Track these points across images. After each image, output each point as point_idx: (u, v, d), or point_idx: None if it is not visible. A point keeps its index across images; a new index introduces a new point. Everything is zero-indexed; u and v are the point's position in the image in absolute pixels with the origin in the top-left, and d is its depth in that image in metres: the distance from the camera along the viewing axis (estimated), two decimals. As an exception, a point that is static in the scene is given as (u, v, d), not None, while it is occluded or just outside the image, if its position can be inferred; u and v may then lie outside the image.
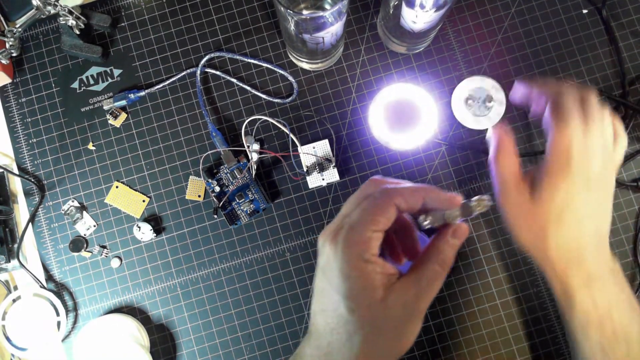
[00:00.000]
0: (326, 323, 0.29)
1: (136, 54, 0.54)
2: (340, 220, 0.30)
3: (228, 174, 0.51)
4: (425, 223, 0.30)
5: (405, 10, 0.44)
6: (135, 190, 0.53)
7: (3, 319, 0.51)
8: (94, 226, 0.52)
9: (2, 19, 0.54)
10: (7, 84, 0.54)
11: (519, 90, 0.40)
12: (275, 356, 0.51)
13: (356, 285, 0.27)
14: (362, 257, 0.27)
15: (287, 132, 0.52)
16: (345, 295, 0.27)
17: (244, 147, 0.52)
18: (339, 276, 0.27)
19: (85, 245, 0.52)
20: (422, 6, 0.42)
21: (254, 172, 0.51)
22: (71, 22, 0.50)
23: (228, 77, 0.53)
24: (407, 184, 0.30)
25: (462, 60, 0.54)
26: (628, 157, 0.52)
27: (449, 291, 0.51)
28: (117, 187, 0.53)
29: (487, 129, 0.53)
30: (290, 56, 0.54)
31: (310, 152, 0.51)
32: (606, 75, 0.53)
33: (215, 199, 0.50)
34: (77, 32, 0.52)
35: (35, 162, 0.53)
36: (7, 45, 0.51)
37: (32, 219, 0.53)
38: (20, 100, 0.54)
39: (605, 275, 0.36)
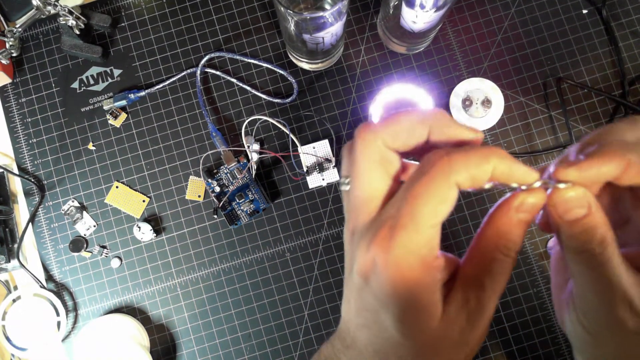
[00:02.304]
0: (370, 342, 0.23)
1: (136, 54, 0.54)
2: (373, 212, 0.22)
3: (228, 174, 0.51)
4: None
5: (405, 11, 0.44)
6: (135, 190, 0.53)
7: (3, 319, 0.51)
8: (94, 226, 0.52)
9: (2, 19, 0.54)
10: (7, 84, 0.54)
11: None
12: (276, 356, 0.51)
13: (413, 306, 0.20)
14: (422, 266, 0.20)
15: (287, 132, 0.52)
16: (397, 317, 0.21)
17: (244, 147, 0.52)
18: (390, 293, 0.20)
19: (85, 245, 0.52)
20: (422, 6, 0.42)
21: (254, 172, 0.51)
22: (71, 22, 0.50)
23: (228, 77, 0.53)
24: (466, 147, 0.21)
25: (462, 60, 0.54)
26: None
27: (449, 291, 0.51)
28: (117, 187, 0.53)
29: (486, 129, 0.53)
30: (290, 56, 0.54)
31: (310, 152, 0.51)
32: (606, 76, 0.53)
33: (215, 199, 0.50)
34: (77, 32, 0.52)
35: (35, 162, 0.53)
36: (7, 45, 0.51)
37: (32, 219, 0.53)
38: (20, 100, 0.54)
39: None
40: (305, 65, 0.53)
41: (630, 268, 0.20)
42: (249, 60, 0.54)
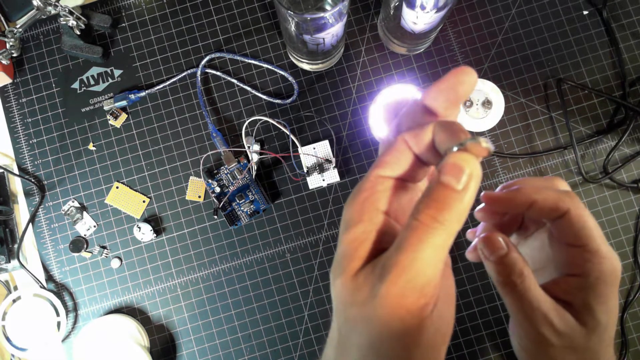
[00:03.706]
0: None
1: (137, 55, 0.54)
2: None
3: (228, 175, 0.51)
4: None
5: (406, 11, 0.44)
6: (136, 190, 0.53)
7: (3, 319, 0.51)
8: (94, 226, 0.52)
9: (2, 19, 0.54)
10: (7, 84, 0.54)
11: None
12: (276, 357, 0.51)
13: (343, 251, 0.22)
14: (363, 206, 0.22)
15: (288, 132, 0.52)
16: (335, 273, 0.22)
17: (245, 147, 0.52)
18: (341, 227, 0.23)
19: (85, 246, 0.52)
20: (422, 7, 0.42)
21: (254, 173, 0.51)
22: (72, 22, 0.50)
23: (228, 78, 0.53)
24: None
25: (462, 61, 0.53)
26: (628, 158, 0.52)
27: (449, 292, 0.51)
28: (117, 187, 0.53)
29: (485, 130, 0.53)
30: (290, 57, 0.53)
31: (311, 153, 0.51)
32: (607, 77, 0.53)
33: (215, 200, 0.50)
34: (78, 33, 0.52)
35: (36, 162, 0.53)
36: (8, 46, 0.51)
37: (32, 219, 0.53)
38: (20, 101, 0.54)
39: None
40: (305, 65, 0.53)
41: (547, 295, 0.26)
42: (250, 61, 0.54)
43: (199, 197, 0.52)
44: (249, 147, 0.52)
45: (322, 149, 0.51)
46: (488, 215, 0.29)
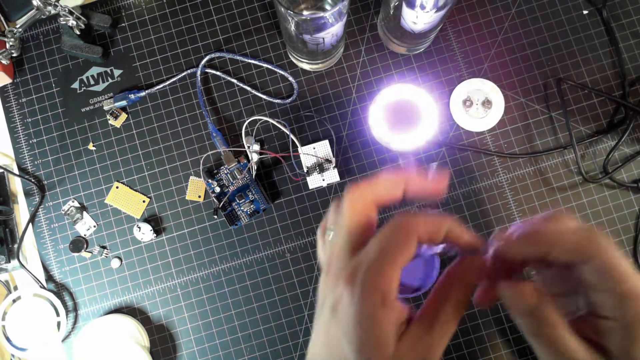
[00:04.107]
0: None
1: (136, 54, 0.54)
2: (346, 255, 0.26)
3: (228, 175, 0.51)
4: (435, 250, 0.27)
5: (406, 11, 0.44)
6: (136, 190, 0.53)
7: (3, 319, 0.51)
8: (94, 226, 0.52)
9: (2, 19, 0.54)
10: (7, 84, 0.54)
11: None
12: (276, 357, 0.51)
13: (370, 338, 0.23)
14: (382, 303, 0.23)
15: (288, 132, 0.52)
16: (357, 348, 0.23)
17: (244, 147, 0.52)
18: (353, 324, 0.24)
19: (85, 246, 0.52)
20: (422, 7, 0.42)
21: (254, 173, 0.51)
22: (71, 22, 0.50)
23: (228, 78, 0.53)
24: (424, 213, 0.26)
25: (462, 61, 0.54)
26: (628, 158, 0.52)
27: (449, 292, 0.51)
28: (117, 187, 0.53)
29: (485, 131, 0.53)
30: (290, 57, 0.53)
31: (311, 153, 0.51)
32: (606, 76, 0.53)
33: (215, 200, 0.50)
34: (78, 33, 0.52)
35: (36, 162, 0.53)
36: (8, 46, 0.51)
37: (32, 219, 0.53)
38: (20, 101, 0.54)
39: None
40: (305, 65, 0.53)
41: (577, 337, 0.24)
42: (250, 61, 0.54)
43: (199, 197, 0.52)
44: (248, 147, 0.52)
45: (322, 148, 0.51)
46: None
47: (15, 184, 0.54)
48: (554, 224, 0.25)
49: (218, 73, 0.53)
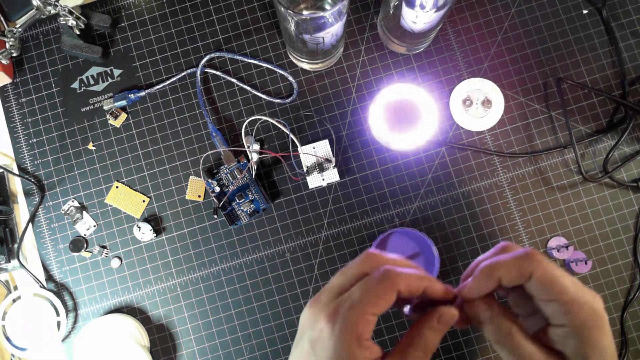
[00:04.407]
0: None
1: (136, 54, 0.54)
2: (333, 294, 0.28)
3: (228, 174, 0.51)
4: (407, 310, 0.31)
5: (406, 11, 0.44)
6: (136, 190, 0.53)
7: (3, 319, 0.51)
8: (94, 226, 0.52)
9: (2, 19, 0.54)
10: (7, 84, 0.54)
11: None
12: (275, 356, 0.51)
13: None
14: (359, 342, 0.26)
15: (287, 132, 0.52)
16: None
17: (244, 147, 0.52)
18: (331, 358, 0.26)
19: (85, 246, 0.52)
20: (422, 6, 0.42)
21: (254, 172, 0.51)
22: (71, 22, 0.50)
23: (228, 77, 0.53)
24: (408, 268, 0.28)
25: (462, 60, 0.54)
26: (628, 158, 0.52)
27: (449, 291, 0.51)
28: (117, 187, 0.53)
29: (485, 130, 0.53)
30: (290, 56, 0.54)
31: (310, 153, 0.51)
32: (606, 76, 0.53)
33: (215, 199, 0.50)
34: (77, 32, 0.52)
35: (35, 162, 0.53)
36: (7, 46, 0.51)
37: (32, 219, 0.53)
38: (20, 100, 0.54)
39: None
40: (305, 65, 0.53)
41: (535, 344, 0.28)
42: (249, 61, 0.54)
43: (199, 196, 0.52)
44: (248, 147, 0.52)
45: (322, 148, 0.51)
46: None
47: (15, 184, 0.54)
48: (499, 256, 0.29)
49: (218, 73, 0.53)
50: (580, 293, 0.27)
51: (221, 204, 0.50)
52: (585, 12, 0.54)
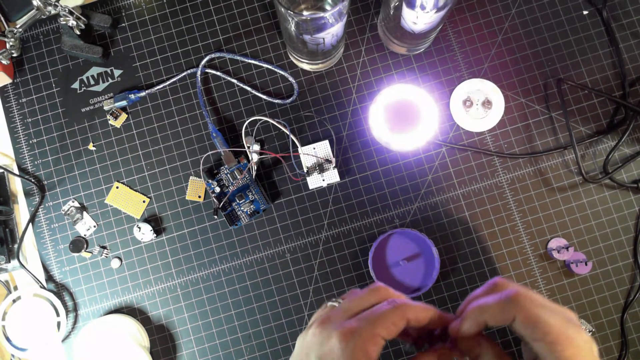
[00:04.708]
0: None
1: (137, 55, 0.54)
2: (344, 316, 0.30)
3: (228, 175, 0.51)
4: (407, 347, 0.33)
5: (406, 11, 0.44)
6: (136, 190, 0.53)
7: (3, 319, 0.51)
8: (94, 226, 0.52)
9: (2, 19, 0.54)
10: (7, 84, 0.54)
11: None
12: (276, 357, 0.51)
13: None
14: None
15: (288, 132, 0.52)
16: None
17: (245, 147, 0.52)
18: None
19: (85, 246, 0.52)
20: (422, 7, 0.42)
21: (254, 173, 0.51)
22: (72, 22, 0.50)
23: (228, 78, 0.53)
24: (411, 301, 0.31)
25: (462, 61, 0.54)
26: (628, 158, 0.52)
27: (449, 292, 0.51)
28: (117, 187, 0.53)
29: (485, 131, 0.53)
30: (290, 57, 0.54)
31: (311, 153, 0.51)
32: (607, 77, 0.53)
33: (215, 200, 0.50)
34: (78, 33, 0.52)
35: (36, 162, 0.53)
36: (8, 46, 0.51)
37: (32, 219, 0.53)
38: (20, 101, 0.54)
39: None
40: (305, 65, 0.53)
41: None
42: (250, 61, 0.54)
43: (199, 197, 0.52)
44: (249, 147, 0.52)
45: (322, 149, 0.51)
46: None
47: (15, 184, 0.54)
48: (486, 299, 0.31)
49: (218, 73, 0.53)
50: (563, 331, 0.29)
51: (221, 204, 0.50)
52: (585, 12, 0.54)
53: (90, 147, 0.53)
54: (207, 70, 0.53)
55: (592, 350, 0.29)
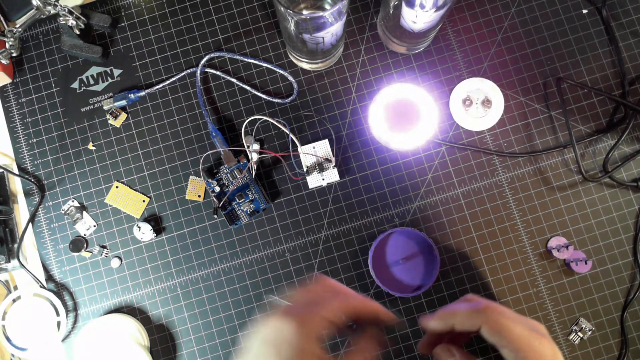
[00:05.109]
0: None
1: (136, 54, 0.54)
2: (298, 305, 0.33)
3: (228, 174, 0.51)
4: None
5: (405, 10, 0.44)
6: (135, 190, 0.53)
7: (3, 319, 0.51)
8: (94, 226, 0.52)
9: (2, 19, 0.54)
10: (7, 84, 0.54)
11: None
12: (275, 356, 0.51)
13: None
14: (319, 341, 0.30)
15: (287, 132, 0.52)
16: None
17: (244, 147, 0.52)
18: (296, 354, 0.29)
19: (85, 245, 0.52)
20: (422, 6, 0.42)
21: (254, 172, 0.51)
22: (71, 22, 0.50)
23: (228, 77, 0.53)
24: (350, 290, 0.34)
25: (462, 60, 0.54)
26: (628, 157, 0.52)
27: (449, 291, 0.51)
28: (117, 187, 0.53)
29: (485, 130, 0.53)
30: (290, 56, 0.54)
31: (310, 152, 0.51)
32: (606, 75, 0.53)
33: (215, 199, 0.50)
34: (77, 32, 0.52)
35: (35, 162, 0.53)
36: (7, 45, 0.51)
37: (32, 219, 0.53)
38: (20, 100, 0.54)
39: None
40: (305, 65, 0.53)
41: None
42: (249, 60, 0.54)
43: (199, 196, 0.52)
44: (248, 147, 0.52)
45: (322, 148, 0.51)
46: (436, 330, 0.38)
47: (15, 184, 0.54)
48: (458, 304, 0.36)
49: (218, 73, 0.53)
50: (526, 339, 0.33)
51: (221, 203, 0.50)
52: (585, 11, 0.54)
53: (90, 146, 0.53)
54: (206, 70, 0.54)
55: (556, 358, 0.33)
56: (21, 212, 0.54)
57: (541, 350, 0.33)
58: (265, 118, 0.53)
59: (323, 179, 0.51)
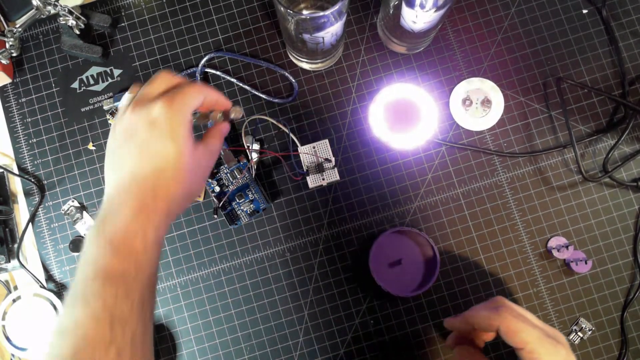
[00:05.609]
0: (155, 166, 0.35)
1: (136, 54, 0.54)
2: (152, 94, 0.35)
3: (228, 174, 0.51)
4: (210, 121, 0.41)
5: (405, 10, 0.44)
6: (135, 190, 0.53)
7: (3, 319, 0.51)
8: (94, 226, 0.52)
9: (2, 19, 0.54)
10: (7, 84, 0.54)
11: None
12: (275, 356, 0.51)
13: (187, 134, 0.34)
14: (189, 117, 0.35)
15: (287, 132, 0.52)
16: (179, 141, 0.34)
17: (244, 147, 0.52)
18: (178, 127, 0.34)
19: (85, 245, 0.52)
20: (422, 6, 0.42)
21: (254, 172, 0.51)
22: (71, 22, 0.50)
23: (228, 77, 0.53)
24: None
25: (462, 60, 0.54)
26: (628, 157, 0.52)
27: (449, 291, 0.51)
28: (117, 187, 0.53)
29: (485, 130, 0.53)
30: (290, 56, 0.54)
31: (310, 152, 0.51)
32: (606, 75, 0.53)
33: (215, 199, 0.50)
34: (77, 32, 0.52)
35: (35, 162, 0.53)
36: (7, 45, 0.51)
37: (32, 219, 0.53)
38: (20, 100, 0.54)
39: None
40: (305, 65, 0.53)
41: None
42: (249, 60, 0.54)
43: (199, 196, 0.52)
44: (248, 147, 0.52)
45: (322, 148, 0.51)
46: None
47: (15, 184, 0.54)
48: (478, 307, 0.39)
49: (218, 73, 0.53)
50: (540, 343, 0.34)
51: (221, 203, 0.50)
52: (585, 11, 0.54)
53: (90, 146, 0.53)
54: (206, 70, 0.54)
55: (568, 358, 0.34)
56: (21, 212, 0.54)
57: (554, 355, 0.34)
58: (265, 118, 0.53)
59: (323, 179, 0.51)
